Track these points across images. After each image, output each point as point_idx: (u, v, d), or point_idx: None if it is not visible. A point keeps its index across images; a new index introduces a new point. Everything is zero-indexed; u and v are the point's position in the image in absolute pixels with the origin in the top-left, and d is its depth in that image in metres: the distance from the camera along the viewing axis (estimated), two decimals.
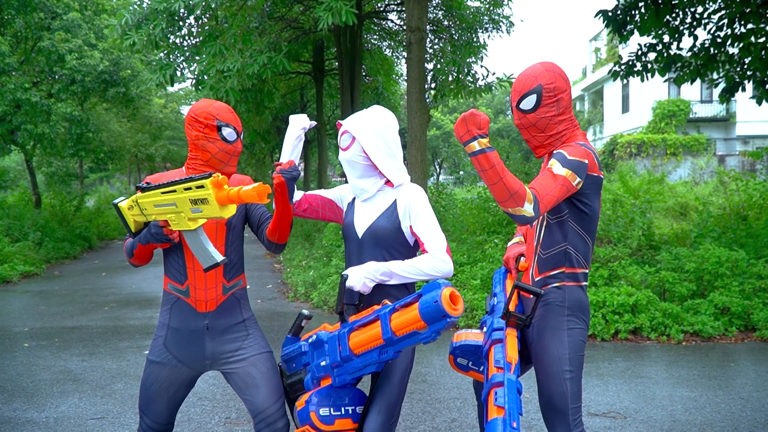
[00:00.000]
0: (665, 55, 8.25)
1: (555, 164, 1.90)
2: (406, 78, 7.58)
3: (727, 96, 8.43)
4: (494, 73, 10.79)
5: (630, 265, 6.06)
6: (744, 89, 8.28)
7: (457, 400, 3.95)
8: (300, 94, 18.69)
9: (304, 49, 13.52)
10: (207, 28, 9.62)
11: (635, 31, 8.04)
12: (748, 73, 8.07)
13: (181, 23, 9.26)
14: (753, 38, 7.62)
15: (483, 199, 8.58)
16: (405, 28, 9.84)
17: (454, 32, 11.25)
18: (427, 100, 10.30)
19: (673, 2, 7.69)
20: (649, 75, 8.48)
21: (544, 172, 1.90)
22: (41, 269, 10.35)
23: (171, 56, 9.64)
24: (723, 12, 7.81)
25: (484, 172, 1.77)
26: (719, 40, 7.95)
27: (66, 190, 20.18)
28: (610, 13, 8.00)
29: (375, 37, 14.32)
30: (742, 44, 7.72)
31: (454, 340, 2.13)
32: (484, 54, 11.14)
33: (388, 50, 15.01)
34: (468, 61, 10.73)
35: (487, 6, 11.37)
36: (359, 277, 2.05)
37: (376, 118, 2.17)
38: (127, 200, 1.98)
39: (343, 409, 2.01)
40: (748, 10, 7.35)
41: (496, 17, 11.41)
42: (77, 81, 14.06)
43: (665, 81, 9.02)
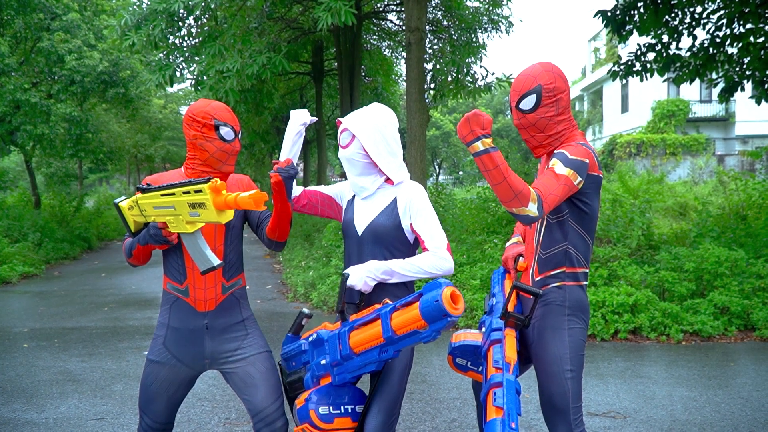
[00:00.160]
0: (664, 55, 8.26)
1: (557, 164, 1.89)
2: (406, 78, 7.58)
3: (727, 96, 8.44)
4: (493, 74, 10.81)
5: (629, 265, 6.06)
6: (743, 89, 8.29)
7: (456, 400, 3.95)
8: (299, 94, 18.69)
9: (303, 50, 13.52)
10: (206, 28, 9.62)
11: (634, 31, 8.05)
12: (747, 72, 8.08)
13: (181, 24, 9.27)
14: (752, 38, 7.63)
15: (482, 199, 8.58)
16: (404, 28, 9.85)
17: (453, 32, 11.26)
18: (427, 101, 10.31)
19: (672, 2, 7.70)
20: (649, 75, 8.49)
21: (547, 171, 1.89)
22: (41, 270, 10.35)
23: (170, 57, 9.64)
24: (722, 12, 7.82)
25: (488, 172, 1.76)
26: (718, 40, 7.96)
27: (65, 190, 20.17)
28: (609, 13, 8.00)
29: (374, 37, 14.33)
30: (741, 44, 7.73)
31: (453, 341, 2.13)
32: (483, 54, 11.15)
33: (387, 50, 15.01)
34: (467, 61, 10.74)
35: (487, 6, 11.38)
36: (360, 276, 2.05)
37: (376, 116, 2.17)
38: (128, 200, 1.99)
39: (342, 407, 2.01)
40: (747, 10, 7.35)
41: (496, 17, 11.42)
42: (77, 81, 14.06)
43: (664, 81, 9.03)
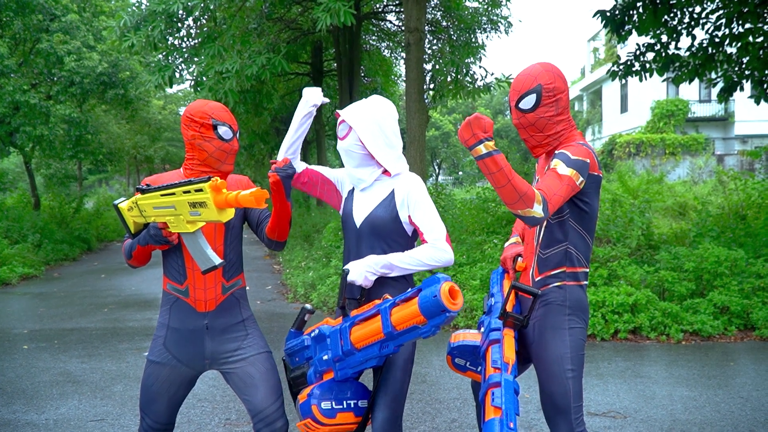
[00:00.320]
0: (663, 54, 8.27)
1: (559, 164, 1.89)
2: (405, 79, 7.58)
3: (726, 95, 8.44)
4: (493, 74, 10.83)
5: (629, 265, 6.06)
6: (742, 89, 8.29)
7: (457, 400, 3.95)
8: (299, 95, 18.68)
9: (302, 50, 13.53)
10: (205, 29, 9.63)
11: (633, 31, 8.05)
12: (747, 72, 8.08)
13: (180, 25, 9.27)
14: (751, 38, 7.63)
15: (482, 200, 8.58)
16: (403, 28, 9.86)
17: (452, 33, 11.26)
18: (426, 101, 10.30)
19: (672, 2, 7.70)
20: (648, 75, 8.49)
21: (549, 172, 1.89)
22: (40, 271, 10.35)
23: (170, 58, 9.65)
24: (721, 12, 7.82)
25: (491, 175, 1.75)
26: (717, 40, 7.96)
27: (65, 191, 20.15)
28: (609, 13, 8.00)
29: (374, 37, 14.34)
30: (740, 44, 7.73)
31: (452, 341, 2.14)
32: (482, 54, 11.16)
33: (386, 51, 15.02)
34: (466, 61, 10.75)
35: (486, 6, 11.39)
36: (360, 271, 2.06)
37: (374, 108, 2.16)
38: (127, 201, 1.99)
39: (345, 402, 2.02)
40: (746, 10, 7.35)
41: (495, 18, 11.43)
42: (76, 83, 14.06)
43: (663, 81, 9.05)
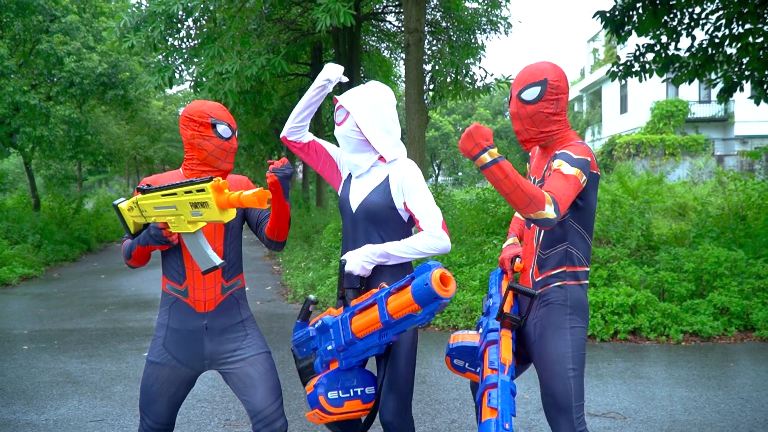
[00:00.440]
0: (663, 55, 8.27)
1: (563, 165, 1.90)
2: (405, 79, 7.59)
3: (726, 96, 8.44)
4: (492, 74, 10.84)
5: (629, 266, 6.06)
6: (742, 89, 8.29)
7: (456, 401, 3.95)
8: (299, 95, 18.70)
9: (302, 51, 13.53)
10: (205, 30, 9.63)
11: (633, 31, 8.05)
12: (746, 73, 8.08)
13: (180, 25, 9.28)
14: (751, 38, 7.63)
15: (482, 200, 8.58)
16: (403, 29, 9.87)
17: (452, 33, 11.27)
18: (426, 102, 10.31)
19: (671, 3, 7.71)
20: (647, 75, 8.49)
21: (555, 174, 1.89)
22: (40, 272, 10.34)
23: (169, 58, 9.65)
24: (721, 12, 7.82)
25: (498, 182, 1.74)
26: (717, 41, 7.96)
27: (65, 192, 20.15)
28: (608, 14, 8.01)
29: (373, 38, 14.34)
30: (740, 44, 7.73)
31: (451, 342, 2.14)
32: (482, 55, 11.17)
33: (386, 52, 15.03)
34: (466, 62, 10.76)
35: (485, 7, 11.39)
36: (357, 260, 2.08)
37: (372, 93, 2.16)
38: (128, 201, 1.99)
39: (351, 390, 2.04)
40: (745, 11, 7.36)
41: (494, 18, 11.44)
42: (76, 83, 14.07)
43: (663, 81, 9.04)
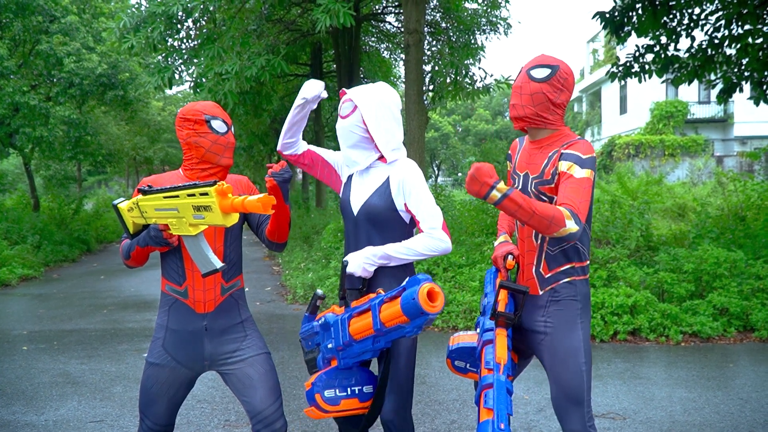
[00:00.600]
0: (663, 56, 8.27)
1: (573, 168, 1.92)
2: (404, 80, 7.59)
3: (725, 97, 8.44)
4: (492, 75, 10.86)
5: (628, 266, 6.06)
6: (741, 90, 8.29)
7: (456, 401, 3.95)
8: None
9: (302, 52, 13.53)
10: (205, 31, 9.64)
11: (633, 32, 8.06)
12: (746, 74, 8.08)
13: (180, 26, 9.29)
14: (750, 39, 7.63)
15: (481, 201, 8.58)
16: (403, 30, 9.87)
17: (451, 34, 11.28)
18: (425, 102, 10.32)
19: (671, 3, 7.71)
20: (647, 76, 8.50)
21: (567, 181, 1.91)
22: (40, 272, 10.34)
23: (169, 59, 9.66)
24: (720, 13, 7.82)
25: (514, 213, 1.80)
26: (716, 41, 7.96)
27: (64, 193, 20.14)
28: (608, 15, 8.01)
29: (373, 39, 14.35)
30: (739, 45, 7.73)
31: (451, 344, 2.14)
32: (481, 56, 11.18)
33: (386, 52, 15.03)
34: (466, 62, 10.77)
35: (485, 8, 11.40)
36: (359, 262, 2.08)
37: (381, 92, 2.17)
38: (128, 202, 1.97)
39: (349, 389, 2.04)
40: (745, 11, 7.36)
41: (494, 19, 11.45)
42: (75, 84, 14.07)
43: (663, 82, 9.05)
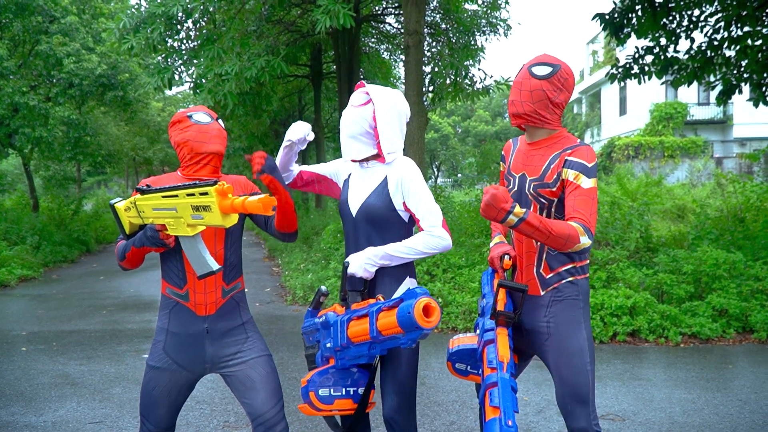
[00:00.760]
0: (662, 57, 8.28)
1: (581, 179, 1.95)
2: (404, 81, 7.59)
3: (724, 98, 8.45)
4: (492, 76, 10.87)
5: (628, 268, 6.06)
6: (741, 92, 8.30)
7: (455, 403, 3.95)
8: (298, 97, 18.69)
9: (302, 53, 13.53)
10: (205, 31, 9.64)
11: (632, 34, 8.07)
12: (745, 75, 8.09)
13: (179, 27, 9.29)
14: (749, 41, 7.64)
15: (481, 202, 8.58)
16: (403, 31, 9.87)
17: (451, 35, 11.29)
18: (425, 103, 10.32)
19: (670, 5, 7.72)
20: (646, 77, 8.51)
21: (575, 192, 1.94)
22: (39, 273, 10.34)
23: (169, 60, 9.66)
24: (720, 15, 7.83)
25: (531, 235, 1.88)
26: (716, 43, 7.97)
27: (64, 193, 20.13)
28: (607, 16, 8.02)
29: (373, 40, 14.35)
30: (738, 47, 7.74)
31: (450, 346, 2.13)
32: (481, 57, 11.18)
33: (386, 53, 15.04)
34: (466, 64, 10.78)
35: (485, 9, 11.41)
36: (360, 263, 2.08)
37: (396, 98, 2.21)
38: (125, 201, 1.96)
39: (344, 389, 2.05)
40: (744, 13, 7.37)
41: (494, 20, 11.46)
42: (75, 85, 14.07)
43: (662, 83, 9.05)
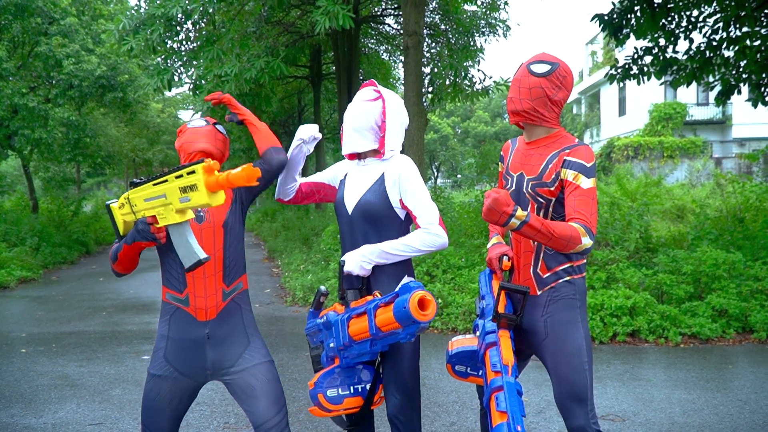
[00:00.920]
0: (661, 58, 8.29)
1: (581, 179, 1.95)
2: (404, 82, 7.60)
3: (723, 99, 8.46)
4: (491, 77, 10.88)
5: (627, 268, 6.06)
6: (740, 92, 8.31)
7: (455, 404, 3.95)
8: (297, 98, 18.70)
9: (301, 54, 13.54)
10: (204, 33, 9.64)
11: (631, 34, 8.07)
12: (744, 75, 8.10)
13: (179, 28, 9.29)
14: (748, 41, 7.65)
15: (481, 203, 8.58)
16: (402, 32, 9.88)
17: (451, 36, 11.30)
18: (425, 104, 10.33)
19: (669, 6, 7.73)
20: (646, 78, 8.51)
21: (575, 193, 1.95)
22: (38, 274, 10.33)
23: (168, 61, 9.67)
24: (718, 15, 7.84)
25: (533, 237, 1.89)
26: (715, 44, 7.98)
27: (63, 195, 20.11)
28: (606, 17, 8.03)
29: (372, 41, 14.37)
30: (737, 47, 7.75)
31: (450, 349, 2.11)
32: (481, 58, 11.19)
33: (385, 54, 15.06)
34: (465, 64, 10.79)
35: (484, 10, 11.43)
36: (356, 261, 2.08)
37: (402, 103, 2.27)
38: (119, 199, 1.94)
39: (352, 387, 2.05)
40: (743, 14, 7.38)
41: (493, 21, 11.48)
42: (74, 86, 14.06)
43: (661, 84, 9.06)
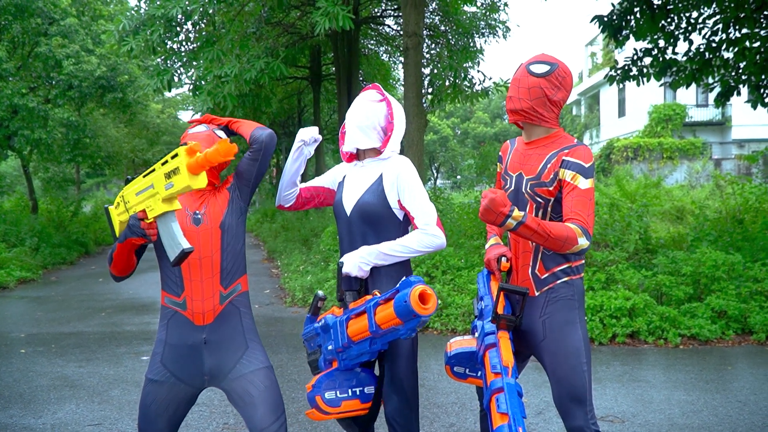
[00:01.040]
0: (661, 59, 8.30)
1: (578, 179, 1.96)
2: (403, 83, 7.61)
3: (723, 100, 8.47)
4: (491, 78, 10.90)
5: (627, 269, 6.06)
6: (739, 93, 8.32)
7: (455, 404, 3.95)
8: (297, 99, 18.71)
9: (301, 54, 13.55)
10: (204, 33, 9.65)
11: (631, 35, 8.08)
12: (743, 77, 8.11)
13: (179, 29, 9.30)
14: (748, 43, 7.66)
15: (480, 203, 8.58)
16: (402, 33, 9.89)
17: (450, 37, 11.31)
18: (424, 105, 10.33)
19: (669, 7, 7.74)
20: (645, 79, 8.52)
21: (573, 193, 1.95)
22: (38, 275, 10.32)
23: (168, 62, 9.67)
24: (718, 17, 7.85)
25: (530, 238, 1.90)
26: (714, 45, 7.99)
27: (63, 195, 20.07)
28: (606, 19, 8.04)
29: (372, 42, 14.38)
30: (736, 49, 7.76)
31: (448, 350, 2.11)
32: (480, 59, 11.20)
33: (385, 55, 15.07)
34: (464, 65, 10.80)
35: (484, 11, 11.44)
36: (354, 262, 2.08)
37: (402, 108, 2.29)
38: (116, 199, 1.94)
39: (350, 390, 2.04)
40: (742, 15, 7.39)
41: (493, 22, 11.49)
42: (74, 86, 14.06)
43: (661, 85, 9.08)
